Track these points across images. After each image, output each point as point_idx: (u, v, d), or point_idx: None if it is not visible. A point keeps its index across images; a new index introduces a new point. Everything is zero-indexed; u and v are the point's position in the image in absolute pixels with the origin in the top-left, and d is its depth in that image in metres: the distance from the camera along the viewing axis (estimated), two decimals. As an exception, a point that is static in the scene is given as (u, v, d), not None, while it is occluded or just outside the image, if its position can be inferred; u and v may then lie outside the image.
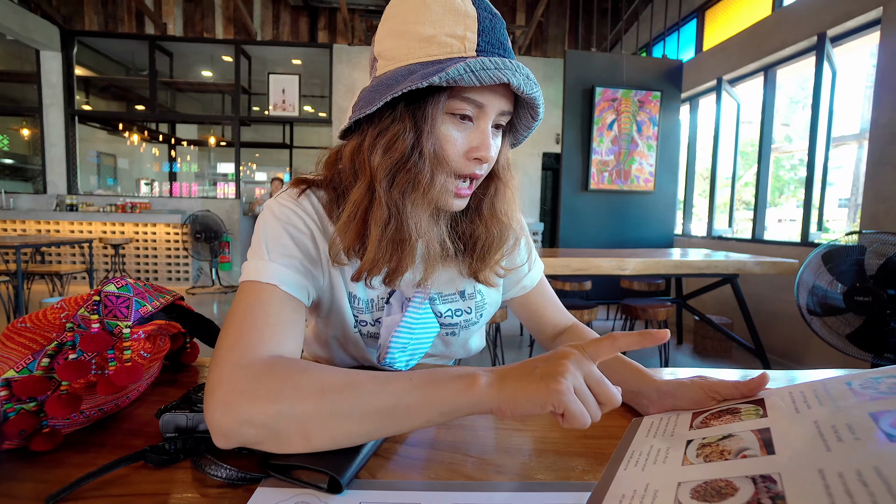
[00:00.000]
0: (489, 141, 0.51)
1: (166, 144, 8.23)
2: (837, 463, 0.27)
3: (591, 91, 3.91)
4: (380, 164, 0.49)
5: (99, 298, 0.51)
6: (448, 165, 0.51)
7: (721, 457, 0.33)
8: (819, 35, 3.09)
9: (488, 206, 0.60)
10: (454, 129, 0.51)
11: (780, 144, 3.92)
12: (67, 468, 0.42)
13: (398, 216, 0.50)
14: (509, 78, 0.47)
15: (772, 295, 3.32)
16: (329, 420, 0.39)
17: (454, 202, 0.54)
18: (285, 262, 0.51)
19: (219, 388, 0.40)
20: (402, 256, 0.52)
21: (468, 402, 0.38)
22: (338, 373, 0.42)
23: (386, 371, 0.43)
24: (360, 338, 0.65)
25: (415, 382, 0.40)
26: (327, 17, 6.04)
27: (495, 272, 0.64)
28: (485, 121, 0.51)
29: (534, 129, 0.59)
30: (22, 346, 0.47)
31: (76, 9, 5.77)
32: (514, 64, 0.48)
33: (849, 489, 0.24)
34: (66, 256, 5.50)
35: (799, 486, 0.26)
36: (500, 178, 0.60)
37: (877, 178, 2.62)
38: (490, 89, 0.50)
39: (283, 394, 0.39)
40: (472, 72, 0.46)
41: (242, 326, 0.45)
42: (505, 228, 0.61)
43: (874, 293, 1.85)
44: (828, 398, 0.35)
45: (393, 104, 0.49)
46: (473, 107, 0.50)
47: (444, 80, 0.45)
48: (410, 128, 0.49)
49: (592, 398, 0.36)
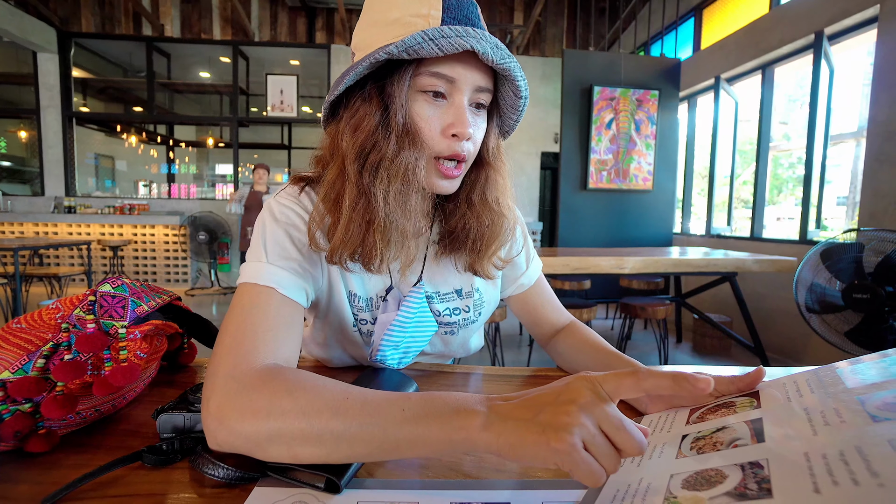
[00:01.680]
0: (465, 116, 0.49)
1: (164, 146, 8.21)
2: (822, 445, 0.27)
3: (590, 90, 3.91)
4: (349, 143, 0.50)
5: (94, 298, 0.51)
6: (424, 144, 0.50)
7: (714, 448, 0.33)
8: (816, 33, 3.09)
9: (478, 194, 0.58)
10: (427, 106, 0.50)
11: (778, 143, 3.92)
12: (64, 469, 0.42)
13: (367, 195, 0.50)
14: (473, 45, 0.45)
15: (771, 293, 3.33)
16: (316, 445, 0.37)
17: (440, 183, 0.53)
18: (284, 265, 0.51)
19: (213, 397, 0.40)
20: (373, 237, 0.50)
21: (462, 444, 0.34)
22: (327, 393, 0.39)
23: (379, 392, 0.39)
24: (359, 336, 0.64)
25: (407, 414, 0.36)
26: (325, 17, 6.03)
27: (493, 264, 0.63)
28: (459, 96, 0.50)
29: (522, 110, 0.56)
30: (17, 347, 0.47)
31: (73, 10, 5.76)
32: (478, 32, 0.46)
33: (830, 469, 0.25)
34: (65, 259, 5.49)
35: (784, 469, 0.27)
36: (489, 164, 0.58)
37: (875, 175, 2.62)
38: (460, 62, 0.48)
39: (271, 413, 0.37)
40: (430, 40, 0.44)
41: (238, 332, 0.45)
42: (497, 217, 0.59)
43: (873, 290, 1.86)
44: (820, 385, 0.35)
45: (362, 85, 0.50)
46: (444, 82, 0.49)
47: (402, 49, 0.44)
48: (377, 106, 0.49)
49: (608, 448, 0.31)
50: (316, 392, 0.39)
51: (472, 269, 0.62)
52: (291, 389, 0.39)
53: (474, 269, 0.62)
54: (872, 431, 0.26)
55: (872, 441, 0.25)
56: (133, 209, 5.56)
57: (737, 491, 0.27)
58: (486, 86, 0.51)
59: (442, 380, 0.66)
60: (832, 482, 0.24)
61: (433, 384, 0.65)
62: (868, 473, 0.23)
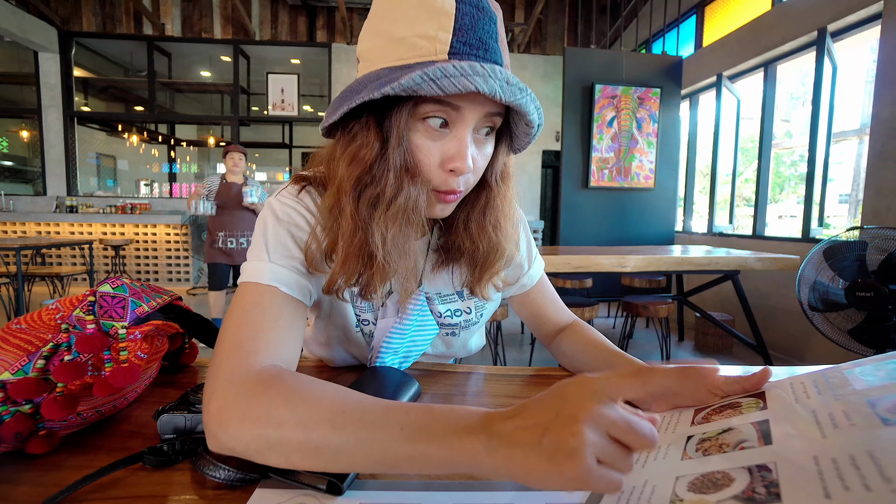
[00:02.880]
0: (466, 150, 0.46)
1: (165, 145, 8.22)
2: (832, 449, 0.26)
3: (591, 88, 3.89)
4: (345, 175, 0.47)
5: (94, 299, 0.51)
6: (422, 177, 0.47)
7: (720, 450, 0.32)
8: (819, 30, 3.07)
9: (476, 218, 0.55)
10: (428, 137, 0.47)
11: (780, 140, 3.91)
12: (64, 471, 0.41)
13: (365, 230, 0.47)
14: (478, 85, 0.41)
15: (773, 291, 3.32)
16: (314, 457, 0.36)
17: (436, 209, 0.51)
18: (286, 263, 0.50)
19: (213, 400, 0.39)
20: (371, 273, 0.49)
21: (466, 467, 0.32)
22: (325, 403, 0.37)
23: (378, 404, 0.37)
24: (361, 337, 0.64)
25: (405, 433, 0.34)
26: (325, 16, 6.02)
27: (494, 284, 0.62)
28: (462, 127, 0.46)
29: (535, 135, 0.52)
30: (17, 348, 0.47)
31: (74, 10, 5.76)
32: (488, 68, 0.42)
33: (841, 473, 0.24)
34: (67, 258, 5.50)
35: (793, 473, 0.26)
36: (490, 187, 0.55)
37: (878, 173, 2.61)
38: (465, 94, 0.44)
39: (269, 422, 0.37)
40: (431, 80, 0.40)
41: (239, 332, 0.44)
42: (494, 245, 0.56)
43: (876, 288, 1.85)
44: (827, 387, 0.35)
45: (359, 111, 0.47)
46: (449, 109, 0.45)
47: (398, 90, 0.41)
48: (376, 138, 0.46)
49: (620, 452, 0.30)
50: (313, 402, 0.37)
51: (470, 289, 0.61)
52: (290, 398, 0.38)
53: (472, 290, 0.61)
54: (884, 435, 0.26)
55: (884, 445, 0.25)
56: (134, 208, 5.57)
57: (744, 495, 0.26)
58: (496, 111, 0.47)
59: (444, 380, 0.66)
60: (843, 487, 0.23)
61: (435, 384, 0.64)
62: (880, 478, 0.23)
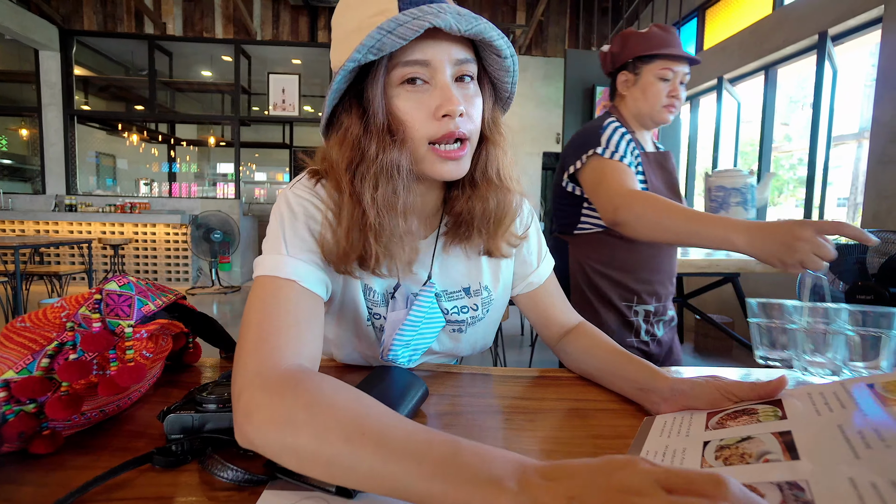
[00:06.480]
0: (451, 93, 0.47)
1: (165, 145, 8.21)
2: (869, 472, 0.26)
3: (592, 90, 3.89)
4: (339, 157, 0.51)
5: (100, 297, 0.50)
6: (411, 137, 0.49)
7: (742, 460, 0.32)
8: (820, 34, 3.08)
9: (480, 172, 0.57)
10: (410, 97, 0.49)
11: (779, 144, 3.91)
12: (68, 471, 0.41)
13: (360, 202, 0.50)
14: (432, 21, 0.43)
15: (773, 294, 3.32)
16: (325, 468, 0.35)
17: (444, 168, 0.51)
18: (304, 257, 0.50)
19: (241, 396, 0.39)
20: (369, 241, 0.51)
21: None
22: (345, 416, 0.36)
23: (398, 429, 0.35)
24: (372, 332, 0.64)
25: (424, 470, 0.31)
26: (327, 16, 6.02)
27: (508, 241, 0.62)
28: (439, 76, 0.48)
29: (513, 70, 0.54)
30: (21, 346, 0.46)
31: (75, 8, 5.75)
32: (434, 7, 0.44)
33: (884, 499, 0.24)
34: (66, 257, 5.48)
35: (830, 496, 0.26)
36: (487, 139, 0.56)
37: (878, 176, 2.62)
38: (429, 43, 0.46)
39: (288, 425, 0.36)
40: (388, 32, 0.43)
41: (262, 327, 0.44)
42: (503, 194, 0.58)
43: (876, 291, 1.84)
44: (850, 400, 0.34)
45: (342, 100, 0.51)
46: (419, 67, 0.47)
47: (364, 52, 0.44)
48: (358, 114, 0.50)
49: None
50: (333, 412, 0.36)
51: (487, 251, 0.62)
52: (311, 403, 0.37)
53: (489, 251, 0.62)
54: None
55: None
56: (134, 208, 5.55)
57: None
58: (465, 56, 0.49)
59: (449, 380, 0.66)
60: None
61: (441, 385, 0.64)
62: None
